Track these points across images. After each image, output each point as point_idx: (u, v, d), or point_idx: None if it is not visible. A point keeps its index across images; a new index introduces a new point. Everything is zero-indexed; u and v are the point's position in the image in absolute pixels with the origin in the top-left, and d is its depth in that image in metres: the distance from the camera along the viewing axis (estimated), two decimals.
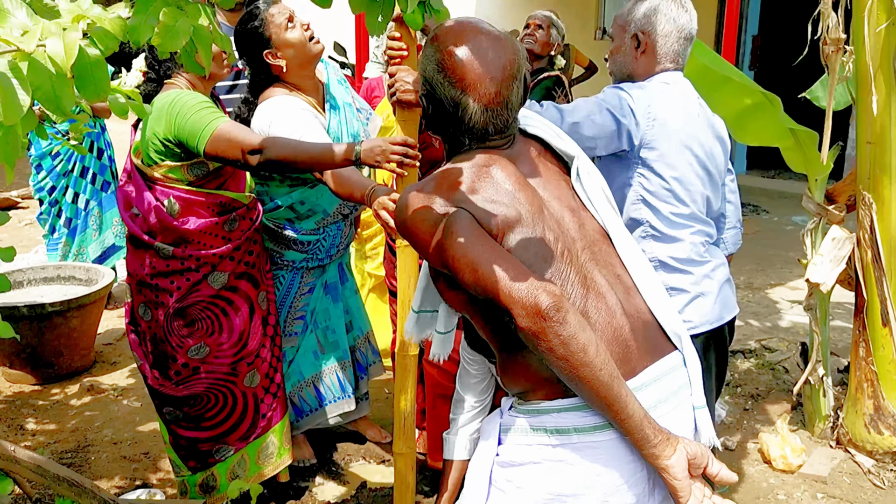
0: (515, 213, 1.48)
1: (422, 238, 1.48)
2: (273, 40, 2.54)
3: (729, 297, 2.26)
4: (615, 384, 1.34)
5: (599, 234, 1.61)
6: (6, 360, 3.84)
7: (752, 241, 6.33)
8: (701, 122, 2.20)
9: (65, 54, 0.86)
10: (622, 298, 1.53)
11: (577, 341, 1.32)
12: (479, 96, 1.53)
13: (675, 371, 1.54)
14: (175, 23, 0.92)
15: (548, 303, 1.31)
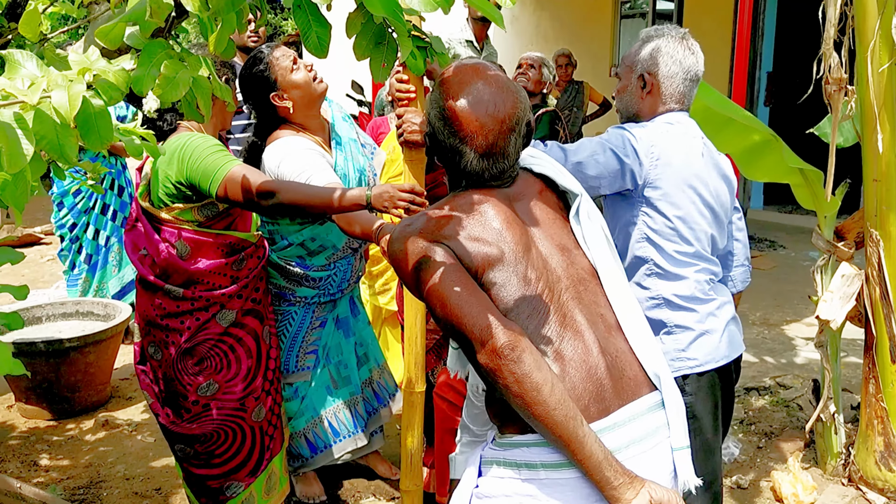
0: (498, 252, 1.53)
1: (405, 269, 1.55)
2: (279, 82, 2.61)
3: (735, 335, 2.26)
4: (570, 424, 1.37)
5: (588, 274, 1.64)
6: (23, 395, 3.89)
7: (769, 277, 6.31)
8: (705, 162, 2.22)
9: (68, 105, 0.91)
10: (602, 337, 1.56)
11: (531, 380, 1.35)
12: (476, 146, 1.58)
13: (652, 411, 1.55)
14: (175, 74, 0.98)
15: (503, 341, 1.37)
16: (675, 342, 2.15)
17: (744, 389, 4.10)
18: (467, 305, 1.43)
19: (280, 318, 2.82)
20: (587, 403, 1.47)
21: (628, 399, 1.52)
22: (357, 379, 3.01)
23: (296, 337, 2.84)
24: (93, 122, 0.97)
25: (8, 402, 4.06)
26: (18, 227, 7.83)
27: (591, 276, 1.64)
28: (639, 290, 2.18)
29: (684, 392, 2.16)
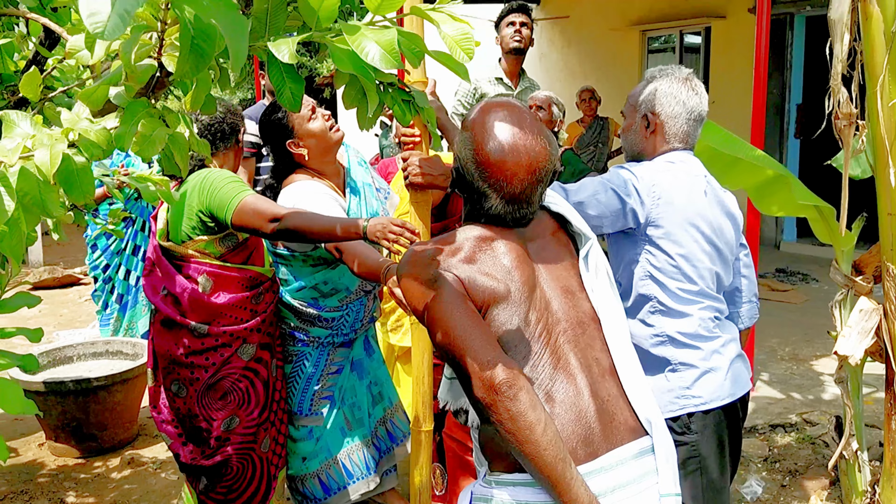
0: (505, 289, 1.55)
1: (413, 294, 1.57)
2: (295, 130, 2.69)
3: (741, 373, 2.24)
4: (559, 466, 1.38)
5: (588, 318, 1.66)
6: (53, 433, 3.99)
7: (800, 311, 6.21)
8: (708, 200, 2.23)
9: (49, 164, 0.97)
10: (594, 381, 1.57)
11: (525, 419, 1.37)
12: (504, 194, 1.60)
13: (641, 456, 1.55)
14: (152, 132, 1.04)
15: (502, 378, 1.39)
16: (679, 380, 2.14)
17: (769, 426, 4.03)
18: (471, 338, 1.45)
19: (294, 359, 2.86)
20: (575, 446, 1.48)
21: (617, 443, 1.53)
22: (370, 420, 3.03)
23: (310, 379, 2.87)
24: (75, 178, 1.03)
25: (39, 441, 4.16)
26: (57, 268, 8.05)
27: (592, 319, 1.66)
28: (643, 327, 2.18)
29: (689, 430, 2.14)
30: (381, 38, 1.03)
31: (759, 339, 5.32)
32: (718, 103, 8.97)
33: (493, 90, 4.50)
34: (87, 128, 1.03)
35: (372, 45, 1.03)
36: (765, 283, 6.98)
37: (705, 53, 9.38)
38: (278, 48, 1.05)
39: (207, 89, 1.05)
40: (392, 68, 1.03)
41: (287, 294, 2.80)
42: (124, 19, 0.73)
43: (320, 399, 2.90)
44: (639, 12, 9.78)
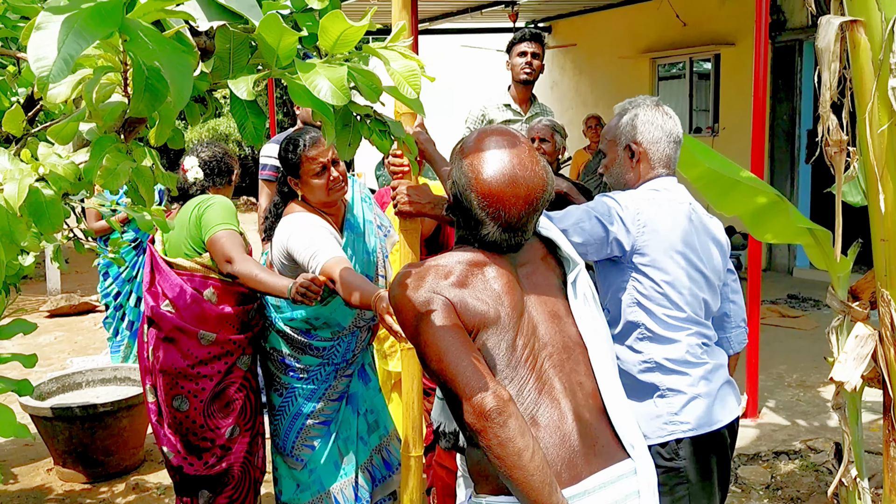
0: (494, 314, 1.58)
1: (405, 316, 1.61)
2: (301, 175, 2.77)
3: (728, 400, 2.24)
4: (545, 491, 1.40)
5: (574, 343, 1.69)
6: (60, 458, 4.05)
7: (810, 338, 6.16)
8: (694, 226, 2.25)
9: (17, 196, 1.03)
10: (578, 405, 1.60)
11: (514, 445, 1.40)
12: (501, 222, 1.64)
13: (624, 479, 1.57)
14: (116, 166, 1.09)
15: (492, 405, 1.41)
16: (667, 405, 2.16)
17: (773, 454, 4.01)
18: (462, 364, 1.48)
19: (286, 392, 2.89)
20: (559, 469, 1.51)
21: (600, 466, 1.56)
22: (366, 447, 3.04)
23: (297, 417, 2.88)
24: (44, 210, 1.09)
25: (47, 466, 4.22)
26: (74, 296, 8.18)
27: (577, 344, 1.69)
28: (631, 353, 2.20)
29: (677, 456, 2.15)
30: (332, 75, 1.09)
31: (767, 366, 5.29)
32: (729, 129, 9.00)
33: (502, 116, 4.50)
34: (55, 162, 1.09)
35: (323, 81, 1.08)
36: (776, 309, 6.94)
37: (715, 80, 9.42)
38: (237, 86, 1.11)
39: (171, 125, 1.11)
40: (342, 102, 1.08)
41: (280, 321, 2.85)
42: (68, 63, 0.79)
43: (307, 439, 2.92)
44: (649, 40, 9.86)
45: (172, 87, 0.86)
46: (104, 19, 0.83)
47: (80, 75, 1.07)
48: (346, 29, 1.11)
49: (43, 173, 1.10)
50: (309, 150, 2.74)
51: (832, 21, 2.81)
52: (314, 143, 2.76)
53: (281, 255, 2.74)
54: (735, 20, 8.62)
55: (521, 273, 1.71)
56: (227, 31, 1.15)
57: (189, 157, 3.17)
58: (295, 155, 2.75)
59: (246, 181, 16.56)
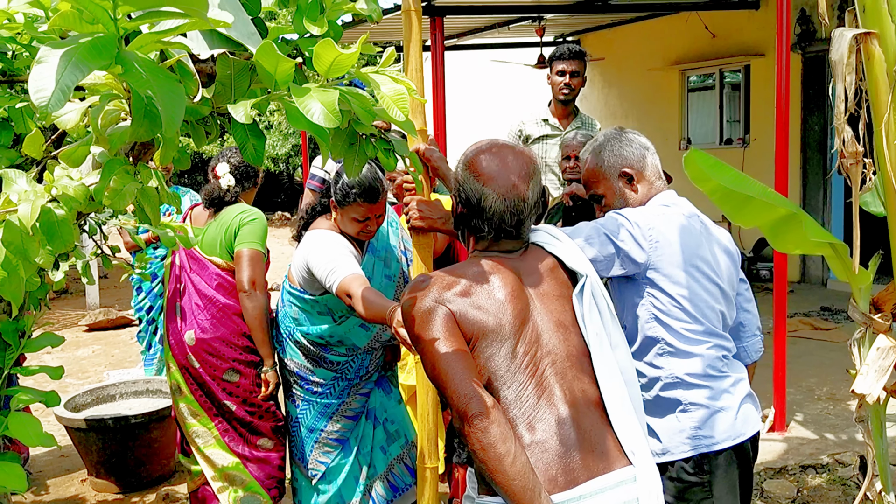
0: (495, 323, 1.65)
1: (409, 324, 1.70)
2: (342, 210, 2.85)
3: (750, 413, 2.24)
4: (528, 495, 1.45)
5: (578, 351, 1.73)
6: (94, 469, 4.16)
7: (842, 350, 6.03)
8: (704, 238, 2.27)
9: (30, 217, 1.11)
10: (579, 412, 1.63)
11: (495, 450, 1.46)
12: (497, 188, 1.78)
13: (623, 486, 1.60)
14: (122, 187, 1.16)
15: (474, 411, 1.48)
16: (690, 420, 2.15)
17: (800, 467, 3.96)
18: (452, 371, 1.57)
19: (302, 404, 2.95)
20: (555, 474, 1.55)
21: (598, 472, 1.59)
22: (386, 457, 3.08)
23: (311, 431, 2.95)
24: (55, 229, 1.17)
25: (81, 477, 4.34)
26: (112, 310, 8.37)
27: (582, 353, 1.74)
28: (652, 369, 2.19)
29: (702, 471, 2.15)
30: (325, 99, 1.15)
31: (797, 379, 5.23)
32: (760, 140, 8.92)
33: (539, 131, 4.48)
34: (66, 184, 1.17)
35: (315, 104, 1.15)
36: (808, 321, 6.85)
37: (745, 91, 9.36)
38: (236, 110, 1.17)
39: (174, 147, 1.17)
40: (333, 125, 1.14)
41: (297, 332, 2.91)
42: (65, 93, 0.86)
43: (321, 454, 2.96)
44: (678, 52, 9.83)
45: (164, 113, 0.92)
46: (100, 52, 0.90)
47: (89, 102, 1.14)
48: (338, 56, 1.17)
49: (55, 194, 1.17)
50: (363, 200, 2.81)
51: (845, 34, 2.81)
52: (371, 198, 2.82)
53: (302, 269, 2.81)
54: (764, 31, 8.57)
55: (528, 282, 1.77)
56: (227, 59, 1.22)
57: (221, 163, 3.36)
58: (349, 196, 2.82)
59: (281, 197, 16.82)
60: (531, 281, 1.78)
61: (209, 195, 3.32)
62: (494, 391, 1.59)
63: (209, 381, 3.16)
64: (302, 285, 2.85)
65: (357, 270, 2.68)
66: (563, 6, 8.02)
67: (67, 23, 0.95)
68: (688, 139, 10.07)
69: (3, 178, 1.26)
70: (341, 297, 2.63)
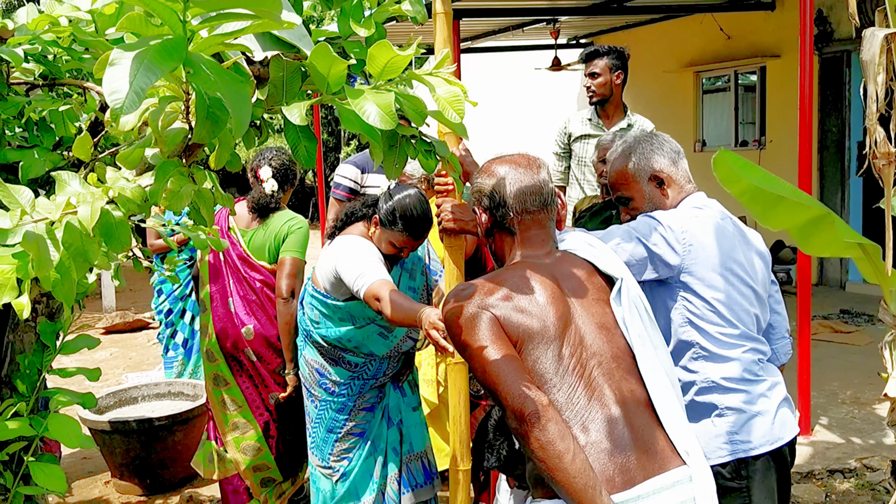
0: (539, 325, 1.65)
1: (454, 330, 1.71)
2: (381, 230, 2.84)
3: (788, 417, 2.21)
4: (589, 493, 1.44)
5: (623, 353, 1.73)
6: (117, 471, 4.18)
7: (864, 354, 6.03)
8: (738, 241, 2.25)
9: (90, 218, 1.11)
10: (630, 412, 1.63)
11: (555, 448, 1.45)
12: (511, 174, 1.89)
13: (679, 485, 1.59)
14: (179, 188, 1.17)
15: (531, 409, 1.48)
16: (726, 425, 2.13)
17: (827, 472, 3.93)
18: (503, 373, 1.57)
19: (321, 404, 2.95)
20: (612, 474, 1.54)
21: (655, 472, 1.58)
22: (397, 463, 3.07)
23: (331, 430, 2.95)
24: (113, 231, 1.17)
25: (105, 479, 4.35)
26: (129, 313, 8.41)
27: (627, 354, 1.74)
28: (686, 373, 2.17)
29: (739, 476, 2.13)
30: (380, 101, 1.15)
31: (819, 382, 5.19)
32: (776, 142, 8.88)
33: (581, 130, 4.45)
34: (124, 186, 1.17)
35: (371, 106, 1.14)
36: (828, 324, 6.81)
37: (761, 93, 9.32)
38: (290, 112, 1.17)
39: (230, 149, 1.17)
40: (389, 127, 1.13)
41: (315, 333, 2.91)
42: (139, 95, 0.86)
43: (342, 451, 2.96)
44: (692, 54, 9.80)
45: (233, 114, 0.92)
46: (170, 54, 0.90)
47: (147, 105, 1.14)
48: (393, 57, 1.17)
49: (112, 196, 1.17)
50: (407, 235, 2.81)
51: (876, 33, 2.79)
52: (416, 234, 2.82)
53: (330, 273, 2.81)
54: (780, 32, 8.53)
55: (566, 287, 1.77)
56: (280, 61, 1.22)
57: (263, 166, 3.44)
58: (395, 223, 2.81)
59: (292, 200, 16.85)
60: (569, 285, 1.79)
61: (256, 202, 3.42)
62: (545, 394, 1.59)
63: (264, 374, 3.37)
64: (327, 289, 2.85)
65: (386, 276, 2.68)
66: (579, 8, 8.01)
67: (134, 25, 0.95)
68: (702, 141, 10.03)
69: (57, 181, 1.27)
70: (369, 302, 2.62)
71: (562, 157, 4.55)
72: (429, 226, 2.83)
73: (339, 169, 4.59)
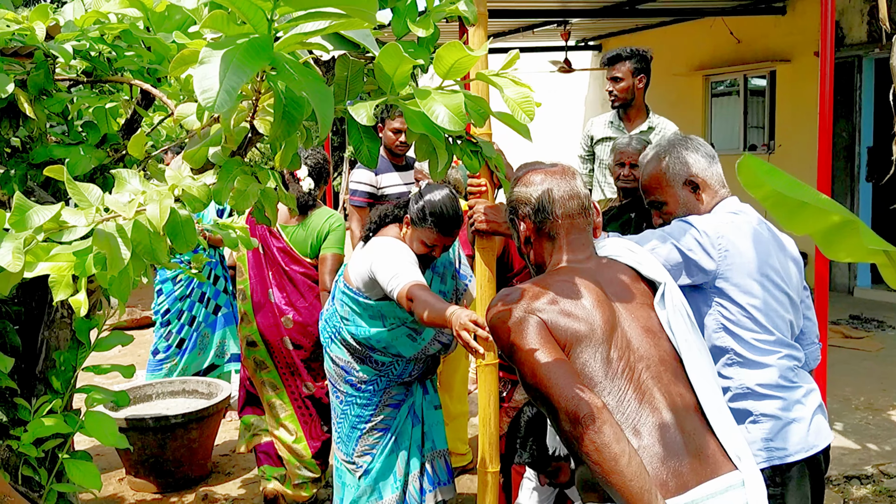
0: (587, 329, 1.65)
1: (500, 335, 1.70)
2: (413, 228, 2.86)
3: (822, 424, 2.20)
4: (646, 497, 1.42)
5: (670, 356, 1.72)
6: (132, 468, 4.17)
7: (875, 360, 6.03)
8: (773, 246, 2.23)
9: (160, 217, 1.10)
10: (680, 415, 1.62)
11: (610, 450, 1.43)
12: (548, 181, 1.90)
13: (732, 490, 1.58)
14: (246, 188, 1.16)
15: (586, 412, 1.46)
16: (761, 431, 2.12)
17: (844, 478, 3.93)
18: (555, 376, 1.56)
19: (346, 398, 2.96)
20: (665, 478, 1.53)
21: (707, 476, 1.57)
22: (418, 462, 3.08)
23: (356, 426, 2.96)
24: (180, 229, 1.16)
25: (119, 476, 4.34)
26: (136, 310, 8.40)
27: (674, 358, 1.73)
28: (720, 379, 2.13)
29: (774, 483, 2.11)
30: (450, 102, 1.14)
31: (832, 388, 5.18)
32: (785, 147, 8.88)
33: (603, 132, 4.44)
34: (190, 184, 1.17)
35: (441, 107, 1.14)
36: (838, 329, 6.81)
37: (770, 97, 9.32)
38: (357, 111, 1.17)
39: (295, 149, 1.17)
40: (459, 128, 1.13)
41: (344, 330, 2.92)
42: (231, 95, 0.86)
43: (366, 447, 2.97)
44: (702, 57, 9.80)
45: (318, 113, 0.91)
46: (258, 53, 0.89)
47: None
48: (462, 57, 1.16)
49: (178, 194, 1.17)
50: (437, 231, 2.83)
51: None
52: (446, 230, 2.83)
53: (364, 272, 2.81)
54: (791, 37, 8.54)
55: (610, 291, 1.77)
56: (346, 60, 1.21)
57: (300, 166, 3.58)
58: (426, 220, 2.83)
59: None
60: (613, 290, 1.78)
61: (296, 201, 3.57)
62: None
63: (298, 363, 3.60)
64: (360, 288, 2.85)
65: (420, 278, 2.68)
66: (591, 10, 8.01)
67: (217, 24, 0.94)
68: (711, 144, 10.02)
69: (117, 178, 1.26)
70: (401, 302, 2.62)
71: (586, 161, 4.56)
72: (459, 223, 2.83)
73: (353, 175, 4.59)
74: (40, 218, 1.04)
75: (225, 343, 5.23)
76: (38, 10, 1.56)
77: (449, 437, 3.52)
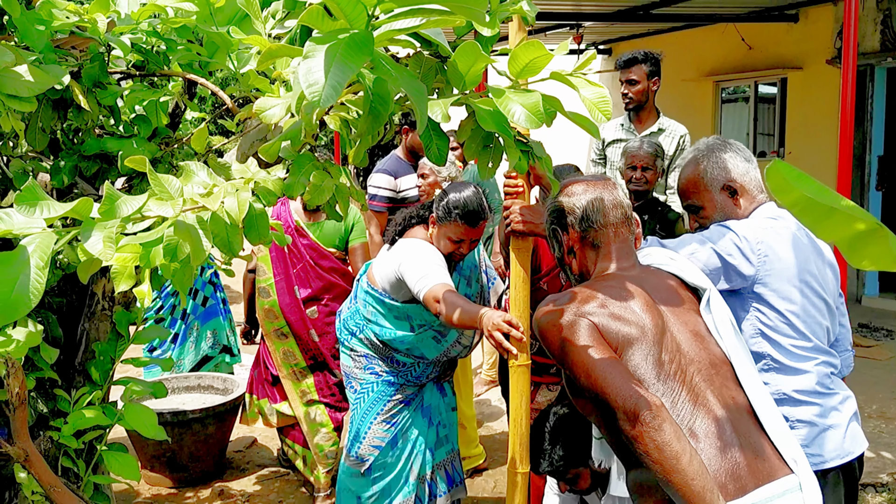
0: (638, 332, 1.66)
1: (550, 340, 1.71)
2: (440, 226, 2.86)
3: (857, 431, 2.21)
4: (708, 496, 1.42)
5: (720, 360, 1.73)
6: (148, 463, 4.17)
7: (886, 368, 6.03)
8: (811, 252, 2.22)
9: (238, 210, 1.11)
10: (735, 419, 1.62)
11: (671, 448, 1.43)
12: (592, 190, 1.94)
13: (790, 493, 1.58)
14: (321, 183, 1.17)
15: (645, 409, 1.46)
16: (797, 438, 2.10)
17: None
18: (611, 375, 1.56)
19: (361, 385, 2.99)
20: (724, 480, 1.52)
21: (765, 479, 1.57)
22: (429, 465, 3.08)
23: (366, 415, 2.97)
24: (255, 222, 1.17)
25: None
26: None
27: (723, 362, 1.74)
28: None
29: None
30: (527, 101, 1.15)
31: None
32: (795, 154, 8.89)
33: (613, 135, 4.46)
34: (264, 178, 1.17)
35: (518, 107, 1.14)
36: None
37: (781, 105, 9.33)
38: (433, 109, 1.17)
39: (368, 146, 1.18)
40: (536, 127, 1.13)
41: (368, 329, 2.92)
42: (336, 90, 0.86)
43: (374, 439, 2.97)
44: (713, 63, 9.81)
45: (416, 109, 0.92)
46: (359, 49, 0.90)
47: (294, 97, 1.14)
48: (538, 56, 1.17)
49: (253, 188, 1.17)
50: (463, 223, 2.83)
51: None
52: (471, 221, 2.84)
53: (391, 274, 2.81)
54: (803, 44, 8.55)
55: (657, 297, 1.79)
56: (421, 57, 1.22)
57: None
58: (450, 214, 2.83)
59: None
60: (659, 296, 1.80)
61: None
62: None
63: (325, 353, 3.87)
64: (386, 289, 2.85)
65: (447, 280, 2.68)
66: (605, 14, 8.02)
67: (312, 20, 0.95)
68: None
69: (185, 171, 1.27)
70: (428, 303, 2.62)
71: (597, 164, 4.57)
72: (484, 215, 2.84)
73: (372, 179, 4.57)
74: (129, 208, 1.04)
75: (217, 334, 5.21)
76: (98, 1, 1.57)
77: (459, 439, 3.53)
